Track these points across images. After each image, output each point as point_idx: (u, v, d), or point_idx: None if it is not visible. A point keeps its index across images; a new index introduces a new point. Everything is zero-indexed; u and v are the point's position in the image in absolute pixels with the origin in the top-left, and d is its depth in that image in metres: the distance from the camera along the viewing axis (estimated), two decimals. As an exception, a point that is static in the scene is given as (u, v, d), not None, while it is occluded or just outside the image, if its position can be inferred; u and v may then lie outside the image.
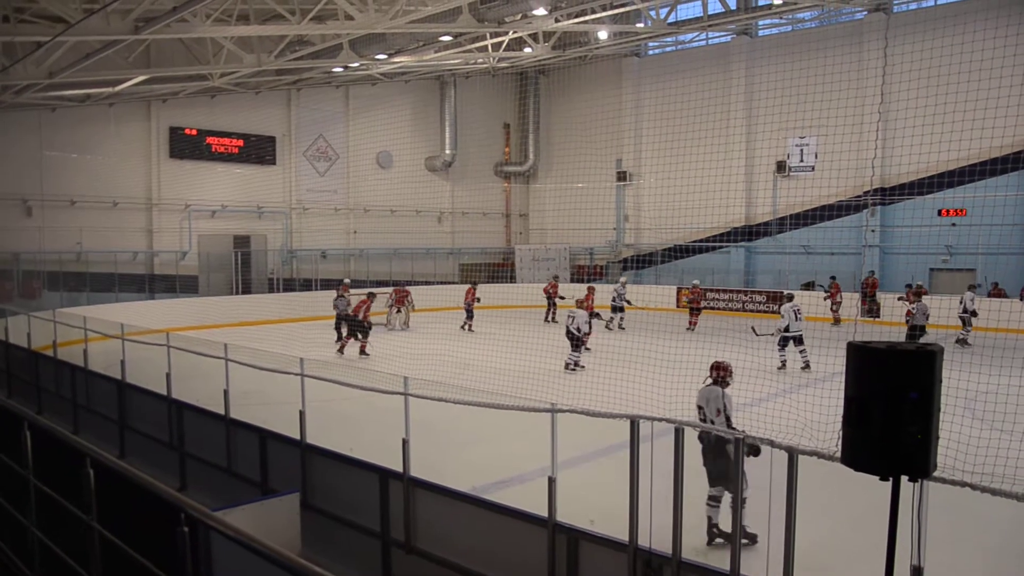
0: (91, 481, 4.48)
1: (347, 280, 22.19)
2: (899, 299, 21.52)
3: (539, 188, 38.08)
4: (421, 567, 6.96)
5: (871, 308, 25.18)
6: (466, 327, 23.51)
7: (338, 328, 20.06)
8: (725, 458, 6.33)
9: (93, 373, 12.78)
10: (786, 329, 16.85)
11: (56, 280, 24.44)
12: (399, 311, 24.52)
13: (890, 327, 21.21)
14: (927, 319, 19.49)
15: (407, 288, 25.27)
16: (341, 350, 19.24)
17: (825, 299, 25.17)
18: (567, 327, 17.00)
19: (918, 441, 3.75)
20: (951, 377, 4.72)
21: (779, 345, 17.01)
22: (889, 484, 3.96)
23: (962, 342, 19.69)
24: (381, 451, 7.51)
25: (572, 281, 33.61)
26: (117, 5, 15.88)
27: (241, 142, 29.62)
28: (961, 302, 20.59)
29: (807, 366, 16.61)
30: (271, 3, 19.33)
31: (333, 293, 24.82)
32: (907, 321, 19.64)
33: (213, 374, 10.03)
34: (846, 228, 28.17)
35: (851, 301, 24.52)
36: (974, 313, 20.28)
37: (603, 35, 27.74)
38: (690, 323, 24.12)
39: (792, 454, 4.83)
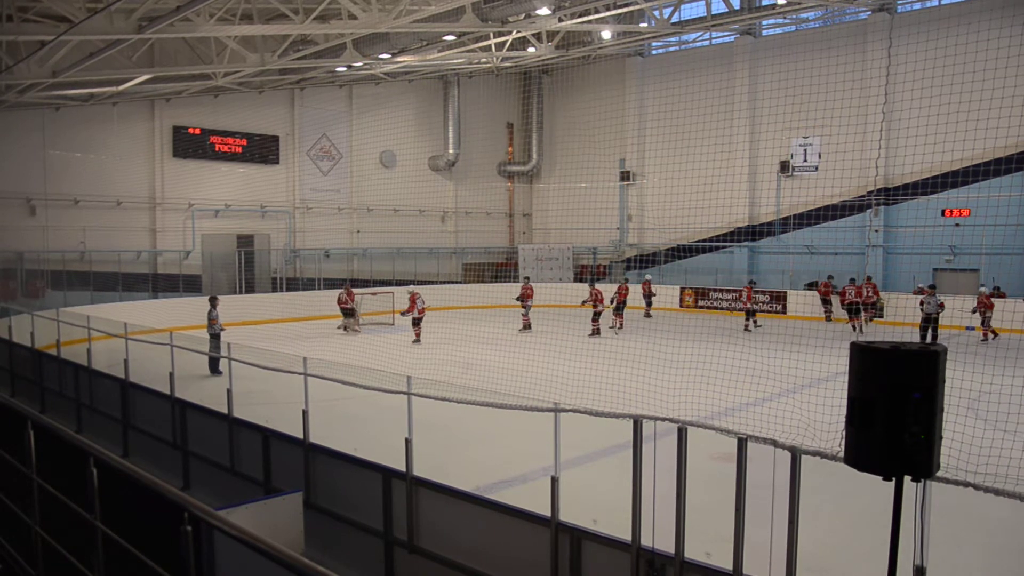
0: (94, 480, 4.48)
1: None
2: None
3: (542, 188, 38.07)
4: (424, 566, 6.96)
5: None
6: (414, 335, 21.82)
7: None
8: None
9: (96, 372, 12.80)
10: None
11: (60, 279, 24.49)
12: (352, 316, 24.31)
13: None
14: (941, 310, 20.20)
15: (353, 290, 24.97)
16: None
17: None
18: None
19: (921, 441, 3.75)
20: (954, 377, 4.71)
21: None
22: (892, 484, 3.96)
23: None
24: (384, 450, 7.52)
25: (575, 281, 33.68)
26: (121, 4, 15.92)
27: (244, 141, 29.66)
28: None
29: None
30: (275, 2, 19.34)
31: (336, 293, 24.96)
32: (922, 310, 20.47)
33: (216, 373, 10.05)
34: (850, 228, 28.11)
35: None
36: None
37: (607, 35, 27.72)
38: (615, 322, 24.08)
39: (795, 454, 4.82)
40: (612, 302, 24.30)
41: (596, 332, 22.74)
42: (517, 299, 24.42)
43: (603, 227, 33.62)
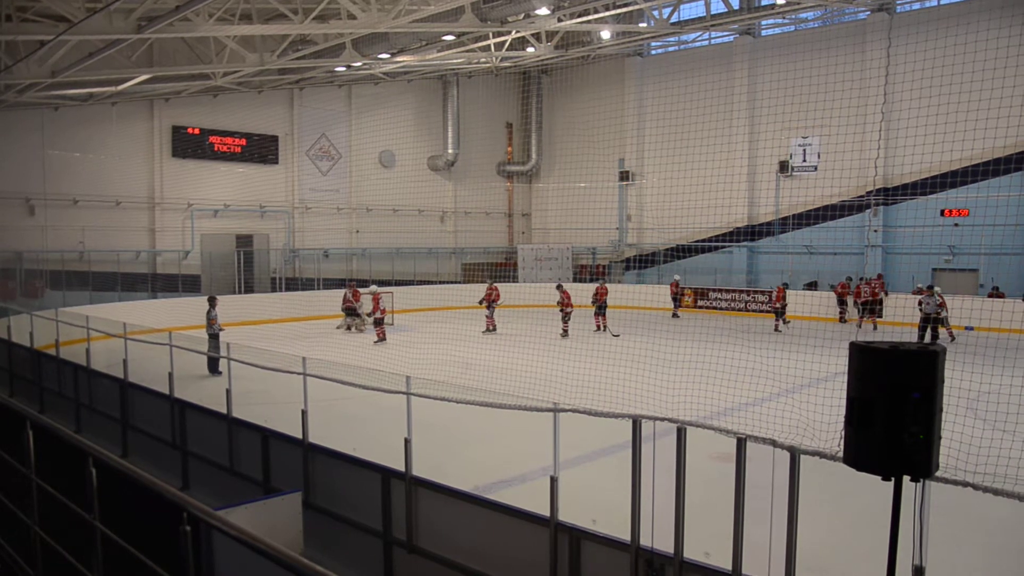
0: (93, 480, 4.48)
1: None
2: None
3: (542, 187, 38.08)
4: (423, 566, 6.96)
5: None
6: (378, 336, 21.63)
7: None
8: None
9: (96, 372, 12.80)
10: None
11: (59, 279, 24.46)
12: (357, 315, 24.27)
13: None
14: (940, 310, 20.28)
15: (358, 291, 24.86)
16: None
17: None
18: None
19: (920, 441, 3.74)
20: (953, 377, 4.71)
21: None
22: (891, 484, 3.96)
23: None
24: (383, 450, 7.52)
25: (574, 280, 33.68)
26: (120, 4, 15.91)
27: (244, 141, 29.65)
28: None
29: None
30: (274, 2, 19.33)
31: (337, 292, 24.94)
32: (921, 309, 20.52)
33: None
34: (849, 228, 28.13)
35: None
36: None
37: (606, 35, 27.72)
38: (597, 325, 23.64)
39: (794, 454, 4.82)
40: (594, 303, 23.94)
41: (565, 333, 22.41)
42: (480, 302, 23.86)
43: (602, 227, 33.64)
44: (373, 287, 23.15)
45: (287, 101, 30.90)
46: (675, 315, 27.54)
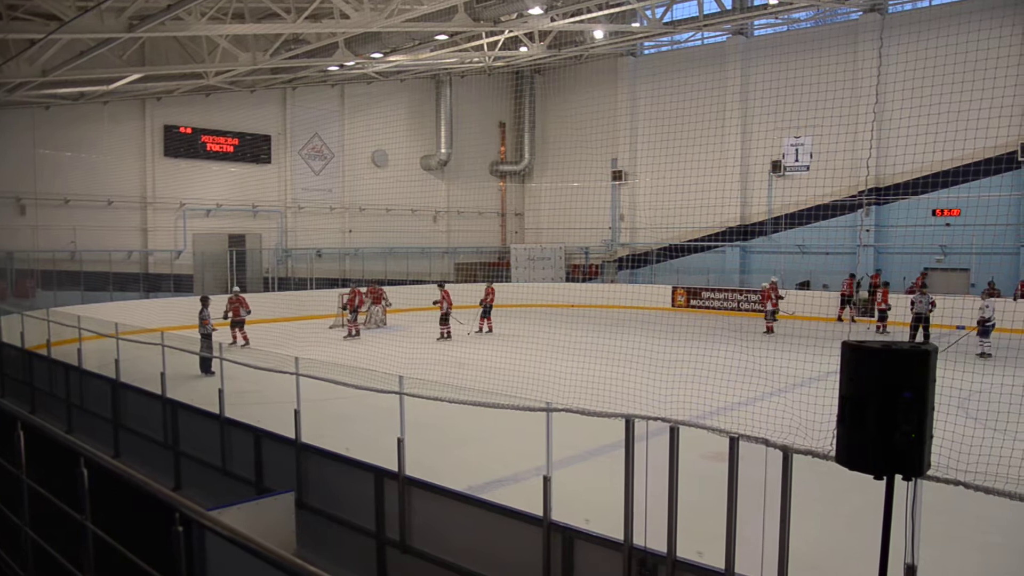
0: (85, 481, 4.46)
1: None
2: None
3: (535, 187, 38.08)
4: (416, 566, 6.96)
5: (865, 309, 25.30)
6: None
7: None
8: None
9: (87, 372, 12.74)
10: None
11: (50, 279, 24.35)
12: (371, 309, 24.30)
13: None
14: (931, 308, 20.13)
15: (381, 288, 25.08)
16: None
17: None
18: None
19: (912, 440, 3.76)
20: (944, 376, 4.73)
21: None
22: (883, 483, 3.97)
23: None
24: (376, 450, 7.51)
25: (567, 280, 33.72)
26: (111, 3, 15.84)
27: (236, 141, 29.56)
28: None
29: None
30: (266, 1, 19.29)
31: (330, 292, 24.88)
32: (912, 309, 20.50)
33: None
34: (841, 228, 28.22)
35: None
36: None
37: (599, 34, 27.73)
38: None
39: (786, 453, 4.83)
40: (480, 304, 23.23)
41: (444, 336, 21.68)
42: (343, 308, 23.22)
43: (595, 227, 33.64)
44: (236, 289, 22.40)
45: (280, 100, 30.82)
46: (774, 317, 26.71)
